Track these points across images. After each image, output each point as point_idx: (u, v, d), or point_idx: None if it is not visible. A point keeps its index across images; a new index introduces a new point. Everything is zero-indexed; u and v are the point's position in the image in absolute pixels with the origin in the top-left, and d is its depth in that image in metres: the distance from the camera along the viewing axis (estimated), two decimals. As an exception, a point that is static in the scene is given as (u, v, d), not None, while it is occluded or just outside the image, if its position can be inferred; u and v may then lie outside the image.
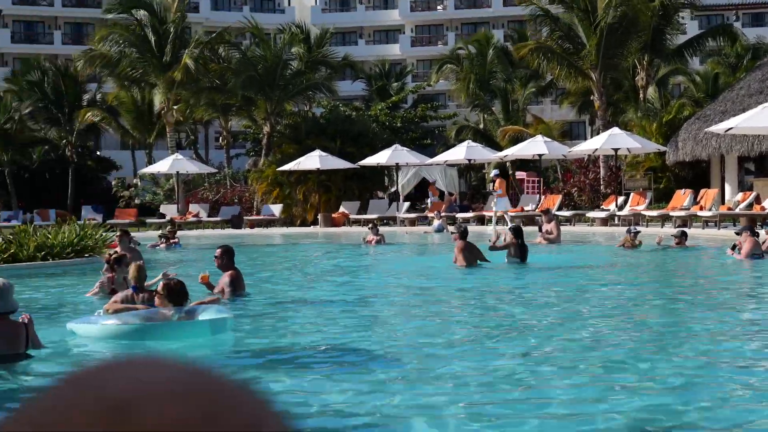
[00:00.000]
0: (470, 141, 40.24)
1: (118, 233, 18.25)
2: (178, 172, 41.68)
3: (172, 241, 25.97)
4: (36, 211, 40.79)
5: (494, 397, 6.75)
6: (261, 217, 38.79)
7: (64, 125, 51.42)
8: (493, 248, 17.60)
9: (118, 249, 17.62)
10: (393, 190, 43.16)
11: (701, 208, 28.20)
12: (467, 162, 39.33)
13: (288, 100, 45.53)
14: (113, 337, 9.48)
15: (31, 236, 19.62)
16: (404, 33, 74.62)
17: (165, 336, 9.48)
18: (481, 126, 50.46)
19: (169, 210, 40.70)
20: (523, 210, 34.37)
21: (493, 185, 36.15)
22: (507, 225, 32.25)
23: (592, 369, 7.58)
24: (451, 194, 39.53)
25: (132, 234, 24.65)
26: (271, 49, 44.33)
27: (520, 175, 45.09)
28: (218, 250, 12.98)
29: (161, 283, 10.11)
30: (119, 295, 10.97)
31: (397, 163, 39.22)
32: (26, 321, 8.70)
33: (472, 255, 17.02)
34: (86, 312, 11.37)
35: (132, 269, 11.10)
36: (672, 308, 11.79)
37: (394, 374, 7.67)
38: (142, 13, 43.96)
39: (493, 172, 37.38)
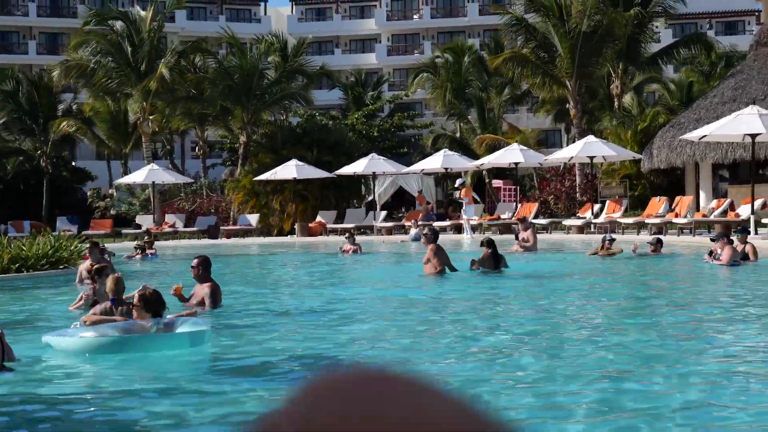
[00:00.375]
0: (447, 150, 40.36)
1: (87, 245, 18.13)
2: (154, 182, 41.52)
3: (149, 251, 25.78)
4: (10, 223, 40.44)
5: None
6: (238, 227, 38.68)
7: (38, 136, 51.00)
8: (475, 267, 17.58)
9: (88, 261, 17.52)
10: (370, 199, 43.16)
11: (676, 216, 28.38)
12: (444, 170, 39.40)
13: (264, 109, 45.49)
14: (90, 350, 9.36)
15: (5, 248, 19.46)
16: (380, 42, 74.76)
17: (143, 348, 9.40)
18: (458, 134, 50.58)
19: (145, 220, 40.52)
20: (499, 218, 34.47)
21: (459, 194, 36.33)
22: (468, 233, 32.47)
23: (567, 380, 7.59)
24: (428, 203, 39.57)
25: (107, 245, 24.57)
26: (248, 59, 44.28)
27: (497, 183, 45.24)
28: (195, 261, 12.92)
29: (137, 294, 10.04)
30: (98, 308, 10.90)
31: (374, 172, 39.23)
32: None
33: (443, 258, 17.14)
34: (62, 324, 11.26)
35: (109, 281, 11.01)
36: (651, 315, 11.82)
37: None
38: (118, 24, 43.91)
39: (458, 182, 37.50)
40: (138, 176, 41.37)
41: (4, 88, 50.97)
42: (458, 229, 34.59)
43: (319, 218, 38.15)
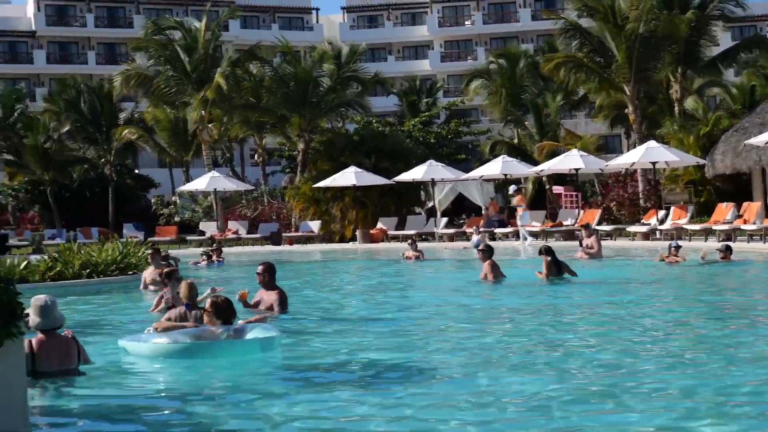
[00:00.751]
0: (505, 156, 40.00)
1: (149, 251, 18.19)
2: (215, 189, 41.79)
3: (216, 259, 25.79)
4: (79, 230, 41.02)
5: (530, 418, 6.59)
6: (300, 233, 38.74)
7: (101, 144, 51.63)
8: (543, 277, 17.26)
9: (152, 267, 17.55)
10: (430, 205, 42.95)
11: (745, 222, 27.71)
12: (503, 177, 39.08)
13: (321, 116, 45.51)
14: (163, 356, 9.48)
15: (76, 254, 19.61)
16: (433, 48, 74.63)
17: (214, 354, 9.47)
18: (516, 141, 50.15)
19: (209, 227, 40.79)
20: (561, 225, 34.04)
21: (514, 201, 35.84)
22: (526, 239, 32.16)
23: (634, 390, 7.36)
24: (502, 209, 39.28)
25: (171, 251, 24.67)
26: (303, 67, 44.36)
27: (557, 189, 44.74)
28: (260, 267, 12.90)
29: (209, 300, 10.09)
30: (172, 313, 10.89)
31: (432, 179, 39.03)
32: (69, 337, 8.64)
33: (498, 275, 17.19)
34: (134, 329, 11.30)
35: (183, 287, 11.02)
36: (721, 326, 11.47)
37: (430, 392, 7.59)
38: (176, 34, 44.34)
39: (512, 188, 36.96)
40: (200, 183, 41.65)
41: (67, 98, 51.75)
42: (518, 235, 34.22)
43: (380, 225, 38.06)
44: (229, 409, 7.23)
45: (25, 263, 18.27)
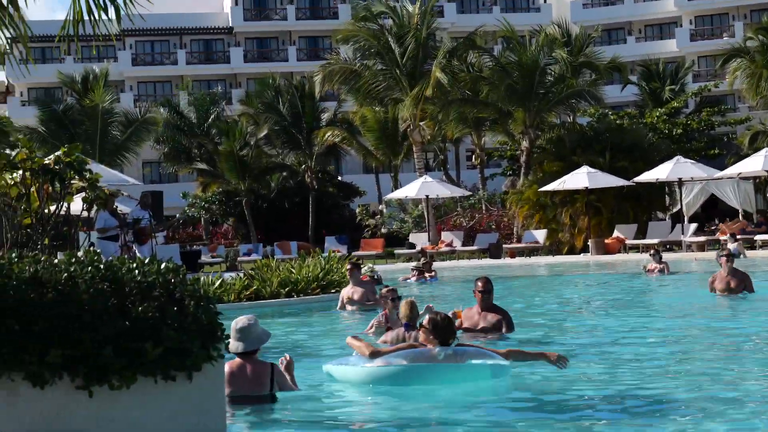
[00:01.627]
0: (768, 149, 38.67)
1: (348, 266, 18.68)
2: (427, 196, 42.36)
3: (427, 274, 26.19)
4: (276, 244, 42.40)
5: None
6: (523, 245, 38.79)
7: (304, 148, 52.75)
8: None
9: (350, 285, 18.02)
10: (675, 209, 42.04)
11: None
12: (766, 174, 37.79)
13: (549, 110, 45.26)
14: (374, 381, 9.47)
15: (274, 271, 20.41)
16: (681, 26, 72.90)
17: (432, 380, 9.34)
18: (782, 131, 48.33)
19: (419, 239, 41.41)
20: None
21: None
22: None
23: None
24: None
25: (377, 267, 25.27)
26: (528, 54, 44.23)
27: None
28: (479, 283, 13.00)
29: (427, 316, 9.88)
30: (389, 335, 11.23)
31: (679, 179, 38.22)
32: (283, 362, 9.09)
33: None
34: (336, 353, 11.63)
35: (403, 306, 11.37)
36: None
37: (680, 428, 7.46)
38: (386, 22, 45.03)
39: None
40: (410, 190, 42.33)
41: (265, 99, 53.31)
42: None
43: (616, 233, 37.61)
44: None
45: (219, 282, 19.13)
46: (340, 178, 60.19)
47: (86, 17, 9.06)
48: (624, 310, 17.58)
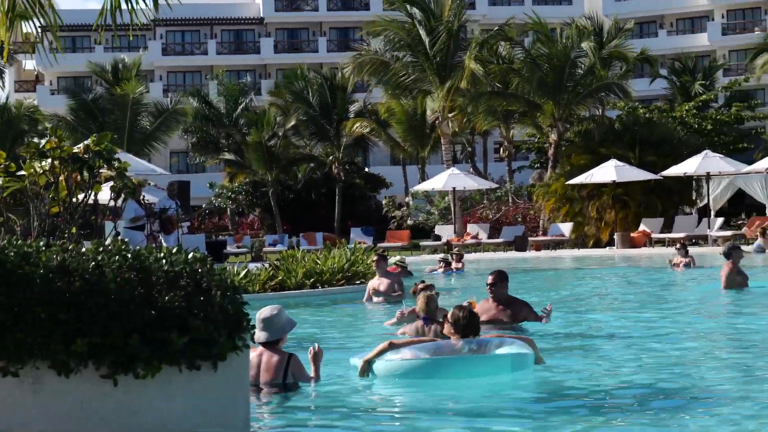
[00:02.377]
0: (797, 144, 38.51)
1: (374, 258, 18.68)
2: (454, 188, 42.38)
3: (455, 266, 26.18)
4: (302, 235, 42.52)
5: None
6: (548, 237, 38.73)
7: (332, 140, 52.93)
8: None
9: (377, 277, 18.03)
10: (702, 204, 41.87)
11: None
12: (794, 169, 37.59)
13: (578, 103, 45.12)
14: (397, 374, 9.52)
15: (299, 262, 20.45)
16: (713, 20, 72.49)
17: (454, 373, 9.35)
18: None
19: (445, 231, 41.44)
20: None
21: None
22: None
23: None
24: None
25: (405, 258, 25.29)
26: (558, 46, 44.11)
27: None
28: (490, 277, 13.02)
29: (451, 309, 9.96)
30: (408, 327, 11.25)
31: (707, 173, 38.05)
32: (311, 352, 9.21)
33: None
34: (361, 345, 11.70)
35: (420, 299, 11.36)
36: None
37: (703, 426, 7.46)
38: (416, 11, 44.86)
39: None
40: (437, 182, 42.37)
41: (294, 89, 53.52)
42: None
43: (642, 227, 37.50)
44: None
45: (244, 272, 19.16)
46: (367, 169, 60.24)
47: (123, 6, 9.14)
48: (650, 304, 17.54)
